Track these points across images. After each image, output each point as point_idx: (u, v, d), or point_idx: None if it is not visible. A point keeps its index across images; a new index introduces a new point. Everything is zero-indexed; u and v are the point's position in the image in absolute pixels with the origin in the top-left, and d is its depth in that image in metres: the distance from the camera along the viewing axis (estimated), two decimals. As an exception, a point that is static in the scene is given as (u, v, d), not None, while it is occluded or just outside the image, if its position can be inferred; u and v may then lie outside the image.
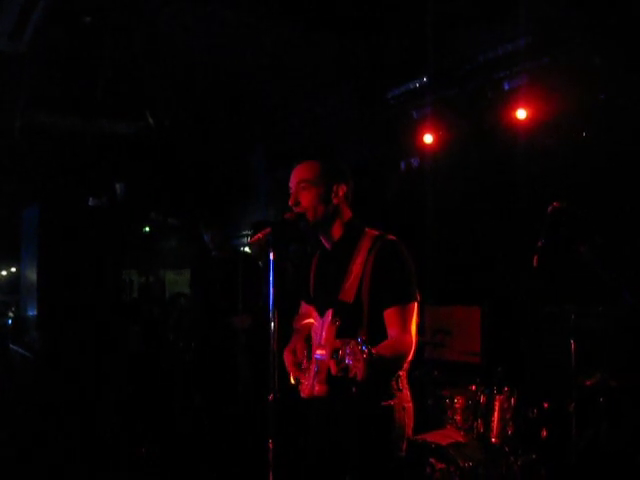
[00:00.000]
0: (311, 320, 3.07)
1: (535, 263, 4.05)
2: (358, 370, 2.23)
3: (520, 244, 5.60)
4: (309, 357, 2.89)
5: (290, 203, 2.86)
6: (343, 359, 2.29)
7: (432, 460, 4.35)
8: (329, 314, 2.78)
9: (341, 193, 2.88)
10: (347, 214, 2.92)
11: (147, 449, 5.99)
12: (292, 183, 2.88)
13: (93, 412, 6.62)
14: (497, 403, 4.47)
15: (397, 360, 2.64)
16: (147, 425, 6.50)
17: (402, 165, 7.13)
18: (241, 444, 5.38)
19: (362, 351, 2.23)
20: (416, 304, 2.75)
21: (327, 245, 2.96)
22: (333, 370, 2.35)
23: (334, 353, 2.33)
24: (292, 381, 2.97)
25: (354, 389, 2.46)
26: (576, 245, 4.14)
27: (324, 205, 2.84)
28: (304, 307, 3.21)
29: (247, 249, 7.94)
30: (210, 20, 5.96)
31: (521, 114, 5.72)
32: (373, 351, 2.27)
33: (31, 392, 6.90)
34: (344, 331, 2.67)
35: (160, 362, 7.31)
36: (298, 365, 2.90)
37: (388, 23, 5.87)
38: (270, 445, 2.84)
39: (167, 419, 6.59)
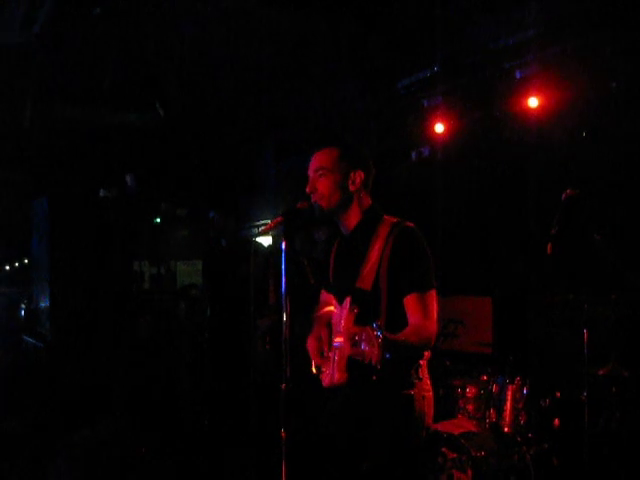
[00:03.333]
0: (331, 308, 3.07)
1: (549, 251, 4.02)
2: (373, 355, 2.23)
3: (531, 233, 5.60)
4: (329, 345, 2.89)
5: (307, 190, 2.86)
6: (359, 345, 2.30)
7: (444, 450, 4.36)
8: (347, 302, 2.77)
9: (358, 180, 2.87)
10: (366, 201, 2.91)
11: (147, 448, 5.99)
12: (310, 170, 2.88)
13: (105, 403, 6.67)
14: (509, 393, 4.47)
15: (421, 346, 2.63)
16: (153, 419, 6.53)
17: (413, 155, 7.10)
18: (254, 434, 5.40)
19: (377, 337, 2.23)
20: (435, 291, 2.74)
21: (344, 232, 2.96)
22: (348, 353, 2.36)
23: (351, 339, 2.34)
24: (314, 370, 2.96)
25: (374, 377, 2.46)
26: (590, 233, 4.12)
27: (340, 192, 2.84)
28: (324, 295, 3.21)
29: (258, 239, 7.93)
30: (219, 10, 5.95)
31: (532, 103, 5.68)
32: (395, 337, 2.27)
33: (43, 382, 6.94)
34: (363, 318, 2.64)
35: (168, 355, 7.33)
36: (321, 353, 2.89)
37: (398, 12, 5.84)
38: (283, 435, 2.85)
39: (173, 412, 6.61)
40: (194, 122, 8.79)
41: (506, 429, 4.45)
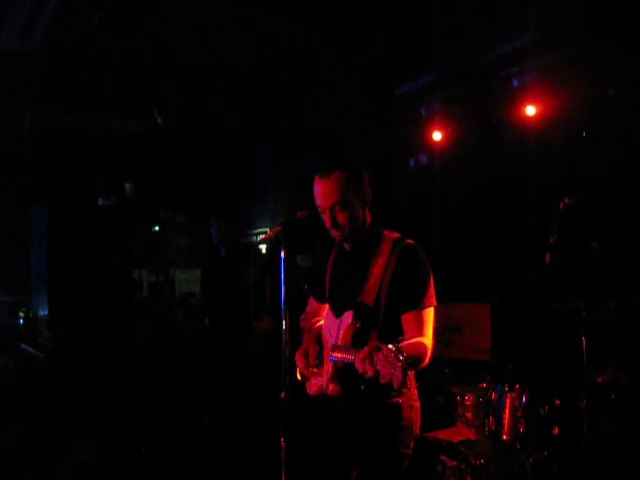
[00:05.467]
0: (320, 319, 3.09)
1: (547, 260, 4.04)
2: (395, 378, 2.25)
3: (530, 240, 5.61)
4: (320, 357, 2.90)
5: (328, 226, 2.84)
6: (374, 364, 2.32)
7: (443, 457, 4.35)
8: (349, 315, 2.79)
9: (368, 200, 2.90)
10: (369, 217, 2.93)
11: (146, 449, 5.98)
12: (323, 203, 2.82)
13: (103, 410, 6.65)
14: (508, 400, 4.46)
15: (417, 362, 2.63)
16: (151, 424, 6.51)
17: (411, 162, 7.12)
18: (254, 442, 5.40)
19: (398, 359, 2.25)
20: (434, 309, 2.78)
21: (346, 247, 2.96)
22: (369, 374, 2.35)
23: (365, 358, 2.35)
24: (299, 377, 2.99)
25: (362, 387, 2.49)
26: (588, 241, 4.13)
27: (360, 218, 2.86)
28: (313, 305, 3.22)
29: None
30: (218, 15, 5.96)
31: (530, 110, 5.70)
32: (405, 356, 2.28)
33: (42, 391, 6.93)
34: (361, 333, 2.71)
35: (166, 359, 7.32)
36: (310, 368, 2.93)
37: (397, 20, 5.86)
38: (282, 443, 2.86)
39: (174, 419, 6.60)
40: (193, 129, 8.79)
41: (505, 437, 4.44)
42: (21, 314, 9.33)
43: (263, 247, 7.37)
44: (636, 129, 5.13)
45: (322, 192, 2.81)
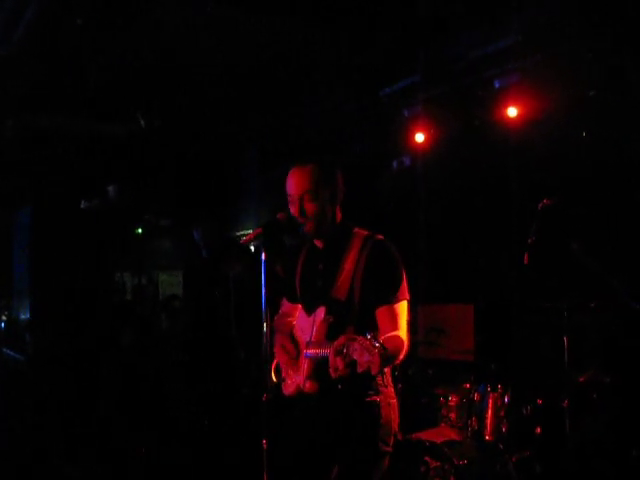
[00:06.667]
0: (292, 320, 3.10)
1: (526, 260, 4.07)
2: (373, 364, 2.26)
3: (512, 241, 5.63)
4: (297, 355, 2.92)
5: (295, 214, 2.84)
6: (349, 355, 2.33)
7: (427, 458, 4.36)
8: (321, 311, 2.81)
9: (340, 196, 2.91)
10: (339, 215, 2.95)
11: (146, 449, 5.97)
12: (294, 191, 2.84)
13: (88, 414, 6.62)
14: (491, 401, 4.48)
15: (394, 355, 2.63)
16: (143, 426, 6.49)
17: (394, 163, 7.13)
18: (236, 444, 5.38)
19: (374, 345, 2.26)
20: (406, 302, 2.80)
21: (319, 245, 2.97)
22: (340, 367, 2.39)
23: (338, 350, 2.38)
24: (274, 379, 3.00)
25: (339, 386, 2.50)
26: (567, 241, 4.15)
27: (329, 212, 2.87)
28: (286, 306, 3.24)
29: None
30: (204, 17, 5.94)
31: (512, 112, 5.74)
32: (381, 342, 2.30)
33: (24, 395, 6.89)
34: (335, 327, 2.73)
35: (152, 364, 7.29)
36: (292, 360, 2.93)
37: (380, 22, 5.87)
38: (264, 445, 2.86)
39: (162, 420, 6.58)
40: (177, 132, 8.77)
41: (488, 437, 4.45)
42: (3, 317, 9.28)
43: (252, 247, 7.36)
44: (617, 130, 5.17)
45: (294, 180, 2.84)
